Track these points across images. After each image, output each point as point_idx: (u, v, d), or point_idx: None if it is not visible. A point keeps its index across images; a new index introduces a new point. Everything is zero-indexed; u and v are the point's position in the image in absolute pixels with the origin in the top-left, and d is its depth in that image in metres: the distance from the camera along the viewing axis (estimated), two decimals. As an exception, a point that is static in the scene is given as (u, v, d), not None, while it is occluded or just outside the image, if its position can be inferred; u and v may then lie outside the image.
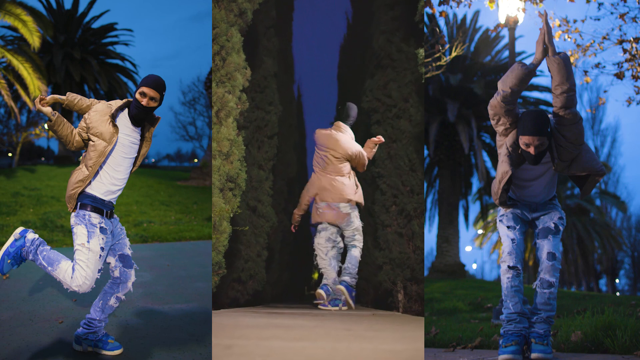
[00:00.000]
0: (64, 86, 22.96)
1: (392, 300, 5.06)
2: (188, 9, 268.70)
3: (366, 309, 5.32)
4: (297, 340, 2.47)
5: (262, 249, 5.48)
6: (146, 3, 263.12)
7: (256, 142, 5.57)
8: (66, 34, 25.51)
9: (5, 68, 15.36)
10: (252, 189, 5.41)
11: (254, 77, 5.39)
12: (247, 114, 5.17)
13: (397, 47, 5.19)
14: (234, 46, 4.17)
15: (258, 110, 5.61)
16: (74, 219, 2.76)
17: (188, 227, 9.96)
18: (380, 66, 5.42)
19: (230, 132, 4.06)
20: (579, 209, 24.75)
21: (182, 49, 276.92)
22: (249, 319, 3.51)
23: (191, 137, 33.66)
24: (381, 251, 5.15)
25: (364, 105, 5.50)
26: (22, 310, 3.82)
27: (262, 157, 5.59)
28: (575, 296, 8.32)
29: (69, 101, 2.88)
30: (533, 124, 2.69)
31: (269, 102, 5.71)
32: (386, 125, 5.22)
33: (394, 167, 5.09)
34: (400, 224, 5.01)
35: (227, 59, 4.13)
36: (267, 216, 5.55)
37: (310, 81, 8.52)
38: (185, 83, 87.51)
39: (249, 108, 5.01)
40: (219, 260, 4.06)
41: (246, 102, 4.36)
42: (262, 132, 5.65)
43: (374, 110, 5.40)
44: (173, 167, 51.50)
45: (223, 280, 4.70)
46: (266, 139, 5.67)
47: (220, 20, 4.05)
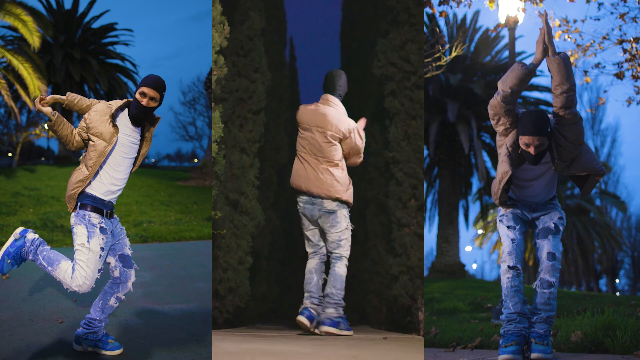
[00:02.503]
0: (64, 86, 22.95)
1: (410, 321, 4.05)
2: (188, 9, 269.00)
3: (377, 331, 4.25)
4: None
5: (245, 255, 4.26)
6: (146, 3, 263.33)
7: (237, 118, 4.38)
8: (66, 34, 25.50)
9: (5, 68, 15.36)
10: (232, 177, 4.27)
11: (235, 36, 4.30)
12: (225, 82, 4.20)
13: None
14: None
15: (240, 78, 4.41)
16: (74, 219, 2.76)
17: (188, 227, 9.96)
18: (394, 22, 4.36)
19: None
20: (579, 209, 24.75)
21: (182, 49, 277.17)
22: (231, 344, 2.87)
23: (191, 137, 33.68)
24: (397, 258, 4.11)
25: (375, 71, 4.44)
26: (22, 310, 3.82)
27: (245, 138, 4.38)
28: (575, 296, 8.32)
29: (69, 101, 2.88)
30: (533, 124, 2.69)
31: (255, 69, 4.46)
32: (403, 97, 4.22)
33: (413, 151, 4.07)
34: (420, 223, 4.06)
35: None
36: (251, 213, 4.29)
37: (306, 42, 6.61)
38: (185, 83, 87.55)
39: (227, 75, 4.15)
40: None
41: (224, 67, 3.61)
42: (246, 105, 4.42)
43: (388, 78, 4.32)
44: (173, 167, 51.50)
45: None
46: (250, 115, 4.41)
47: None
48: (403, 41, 4.28)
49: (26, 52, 15.47)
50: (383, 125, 4.49)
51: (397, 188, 4.16)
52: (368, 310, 4.60)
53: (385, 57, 4.35)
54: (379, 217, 4.48)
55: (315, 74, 6.49)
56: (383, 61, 4.37)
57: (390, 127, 4.26)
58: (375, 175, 4.50)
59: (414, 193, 4.10)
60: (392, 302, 4.23)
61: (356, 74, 5.21)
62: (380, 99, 4.50)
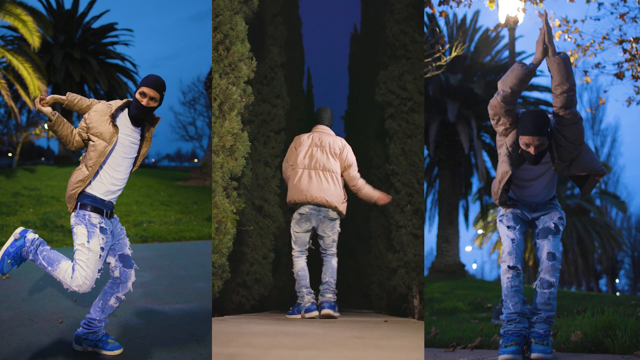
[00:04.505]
0: (64, 86, 22.96)
1: (407, 306, 4.77)
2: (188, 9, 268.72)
3: (379, 315, 5.05)
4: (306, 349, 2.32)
5: (268, 251, 5.22)
6: (146, 3, 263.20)
7: (262, 137, 5.30)
8: (66, 34, 25.51)
9: (5, 68, 15.36)
10: (258, 187, 5.19)
11: (260, 68, 5.15)
12: (252, 107, 4.91)
13: (411, 37, 4.94)
14: (238, 35, 3.91)
15: (264, 103, 5.37)
16: (74, 219, 2.76)
17: (188, 227, 9.96)
18: (394, 57, 5.11)
19: (234, 126, 3.81)
20: (579, 209, 24.75)
21: (182, 49, 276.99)
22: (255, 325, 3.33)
23: (191, 137, 33.71)
24: (395, 254, 4.85)
25: (377, 98, 5.20)
26: (22, 310, 3.82)
27: (268, 154, 5.32)
28: (575, 296, 8.32)
29: (69, 101, 2.88)
30: (533, 124, 2.69)
31: (276, 95, 5.45)
32: (400, 120, 4.93)
33: (409, 164, 4.80)
34: (416, 225, 4.75)
35: (232, 49, 3.86)
36: (273, 216, 5.26)
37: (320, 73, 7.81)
38: (185, 83, 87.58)
39: (254, 101, 4.78)
40: (223, 263, 3.83)
41: (251, 95, 4.12)
42: (269, 126, 5.39)
43: (388, 103, 5.09)
44: (173, 167, 51.50)
45: (227, 284, 4.42)
46: (273, 134, 5.37)
47: (223, 7, 3.79)
48: (401, 72, 5.02)
49: (26, 52, 15.47)
50: (384, 143, 5.39)
51: (396, 195, 4.84)
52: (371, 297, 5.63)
53: (386, 86, 5.11)
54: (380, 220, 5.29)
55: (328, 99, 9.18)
56: (384, 89, 5.13)
57: (389, 145, 5.01)
58: (378, 184, 5.24)
59: (410, 200, 4.79)
60: (391, 291, 5.00)
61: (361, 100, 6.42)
62: (381, 121, 5.28)
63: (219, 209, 3.74)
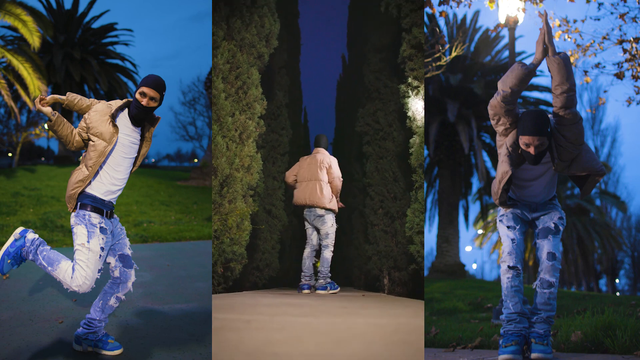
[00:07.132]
0: (64, 86, 22.96)
1: (379, 284, 6.27)
2: (188, 9, 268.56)
3: (358, 291, 6.57)
4: (304, 316, 3.01)
5: (275, 243, 6.84)
6: (146, 3, 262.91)
7: (271, 158, 7.04)
8: (66, 34, 25.51)
9: (5, 68, 15.35)
10: (268, 195, 6.83)
11: (269, 107, 6.76)
12: (264, 136, 6.54)
13: (383, 83, 6.52)
14: (253, 82, 5.18)
15: (273, 133, 7.09)
16: (74, 219, 2.76)
17: (188, 227, 9.96)
18: (370, 98, 6.76)
19: (251, 150, 5.06)
20: (579, 209, 24.75)
21: (182, 49, 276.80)
22: (266, 299, 4.25)
23: (191, 137, 33.70)
24: (370, 245, 6.42)
25: (357, 129, 6.92)
26: (22, 310, 3.82)
27: (276, 171, 7.04)
28: (575, 296, 8.32)
29: (69, 101, 2.88)
30: (533, 124, 2.69)
31: (282, 127, 7.22)
32: (374, 145, 6.53)
33: (381, 178, 6.36)
34: (386, 223, 6.26)
35: (248, 92, 5.14)
36: (279, 217, 6.94)
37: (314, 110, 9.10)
38: (185, 83, 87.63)
39: (265, 132, 6.30)
40: (242, 252, 5.01)
41: (263, 127, 5.37)
42: (276, 150, 7.14)
43: (365, 133, 6.75)
44: (173, 167, 51.52)
45: (245, 268, 5.76)
46: (279, 156, 7.15)
47: (242, 61, 5.09)
48: (375, 110, 6.65)
49: (26, 52, 15.47)
50: (362, 163, 7.03)
51: (370, 202, 6.52)
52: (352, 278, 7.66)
53: (364, 120, 6.80)
54: (359, 220, 7.17)
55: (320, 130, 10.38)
56: (362, 122, 6.81)
57: (366, 164, 6.63)
58: (357, 193, 7.40)
59: (382, 205, 6.36)
60: (367, 273, 6.76)
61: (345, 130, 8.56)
62: (360, 146, 7.05)
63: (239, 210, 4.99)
